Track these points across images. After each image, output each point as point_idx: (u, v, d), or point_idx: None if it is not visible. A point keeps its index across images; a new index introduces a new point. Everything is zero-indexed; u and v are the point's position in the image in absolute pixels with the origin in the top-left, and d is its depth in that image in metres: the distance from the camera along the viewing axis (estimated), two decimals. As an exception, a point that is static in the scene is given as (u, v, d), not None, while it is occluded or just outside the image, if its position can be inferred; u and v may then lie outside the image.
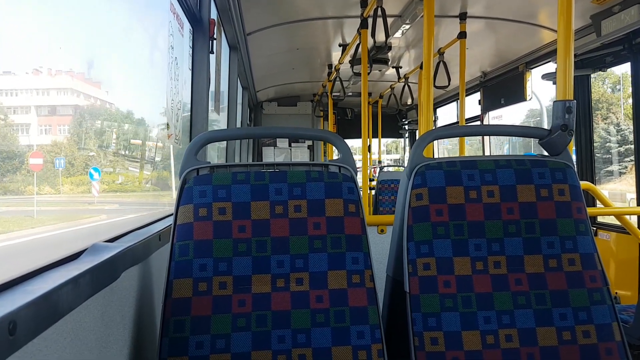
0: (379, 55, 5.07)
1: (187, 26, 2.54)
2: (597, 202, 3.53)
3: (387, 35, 3.78)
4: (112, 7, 1.76)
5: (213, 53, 2.64)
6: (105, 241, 1.43)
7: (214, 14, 3.01)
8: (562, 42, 1.71)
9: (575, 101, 1.66)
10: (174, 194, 1.91)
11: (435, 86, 5.17)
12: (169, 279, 1.42)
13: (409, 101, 8.04)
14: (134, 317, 1.46)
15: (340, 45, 5.27)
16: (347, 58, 5.37)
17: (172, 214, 1.53)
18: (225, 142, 4.64)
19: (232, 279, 1.43)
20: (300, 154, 8.37)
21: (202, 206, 1.47)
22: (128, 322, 1.42)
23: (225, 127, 4.37)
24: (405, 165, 1.73)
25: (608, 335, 1.48)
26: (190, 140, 2.41)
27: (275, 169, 1.57)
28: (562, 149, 1.65)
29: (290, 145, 8.42)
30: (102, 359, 1.24)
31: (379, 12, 3.66)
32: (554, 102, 1.68)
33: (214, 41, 2.64)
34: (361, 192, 1.58)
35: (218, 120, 3.96)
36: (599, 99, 11.24)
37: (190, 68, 2.55)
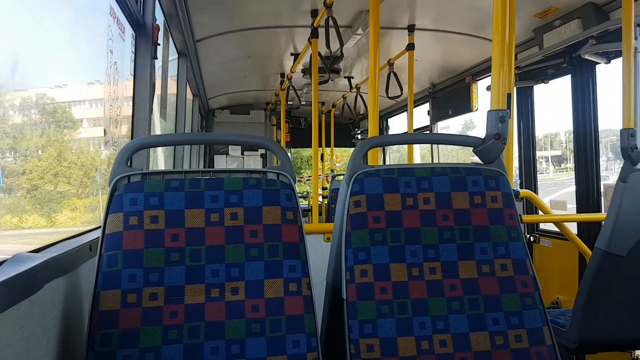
0: (331, 65, 5.10)
1: (129, 31, 2.48)
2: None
3: (340, 45, 3.80)
4: (44, 7, 1.70)
5: (156, 59, 2.59)
6: (31, 251, 1.37)
7: (160, 19, 2.96)
8: (497, 55, 1.75)
9: (508, 111, 1.71)
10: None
11: (388, 97, 5.24)
12: (96, 290, 1.37)
13: (362, 111, 8.11)
14: (59, 331, 1.40)
15: (292, 54, 5.28)
16: (299, 67, 5.38)
17: None
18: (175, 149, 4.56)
19: (163, 289, 1.39)
20: (253, 162, 8.30)
21: (132, 214, 1.43)
22: (53, 336, 1.35)
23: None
24: None
25: (539, 339, 1.52)
26: None
27: (212, 175, 1.54)
28: (495, 157, 1.69)
29: (242, 154, 8.34)
30: None
31: (330, 22, 3.68)
32: (488, 111, 1.72)
33: (158, 46, 2.59)
34: (299, 200, 1.57)
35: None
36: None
37: (132, 73, 2.49)
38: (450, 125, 6.11)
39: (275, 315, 1.42)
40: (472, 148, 1.71)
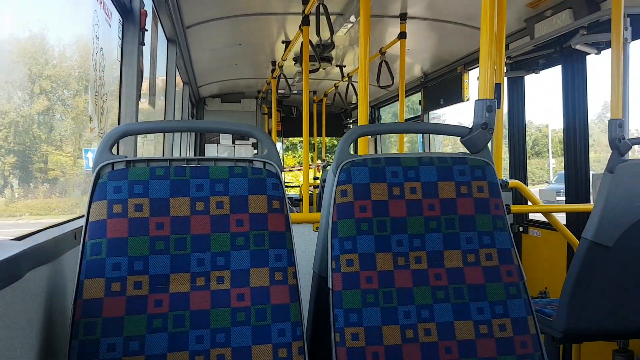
0: (322, 53, 5.06)
1: (116, 16, 2.45)
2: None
3: (331, 33, 3.77)
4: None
5: (144, 45, 2.56)
6: (13, 239, 1.35)
7: (148, 5, 2.92)
8: (486, 44, 1.74)
9: (495, 100, 1.70)
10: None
11: (379, 86, 5.22)
12: (80, 279, 1.36)
13: (354, 100, 8.08)
14: (42, 320, 1.38)
15: (283, 42, 5.24)
16: (291, 55, 5.34)
17: None
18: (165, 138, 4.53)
19: (148, 278, 1.38)
20: (244, 151, 8.26)
21: (116, 202, 1.41)
22: (36, 325, 1.34)
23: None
24: None
25: (523, 328, 1.52)
26: None
27: (198, 164, 1.52)
28: (482, 146, 1.68)
29: (234, 143, 8.30)
30: None
31: (321, 10, 3.65)
32: (476, 101, 1.71)
33: (146, 32, 2.56)
34: (285, 189, 1.56)
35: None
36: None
37: (119, 59, 2.46)
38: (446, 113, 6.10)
39: (261, 304, 1.42)
40: (460, 138, 1.70)
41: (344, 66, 6.29)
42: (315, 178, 7.94)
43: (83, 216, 1.91)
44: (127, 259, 1.38)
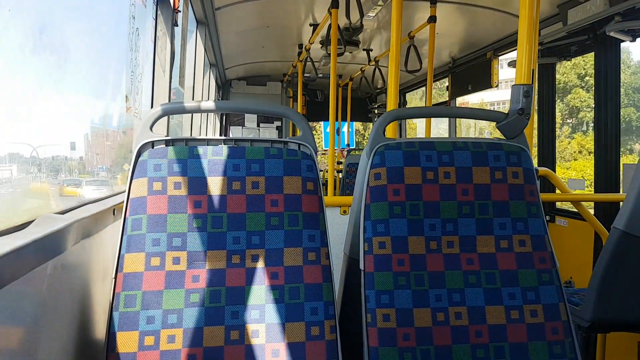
0: (350, 37, 5.03)
1: (150, -3, 2.47)
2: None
3: (360, 16, 3.75)
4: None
5: (177, 26, 2.58)
6: (57, 213, 1.39)
7: None
8: (524, 29, 1.73)
9: (532, 85, 1.69)
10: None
11: (407, 70, 5.18)
12: (121, 253, 1.40)
13: (380, 84, 8.03)
14: (84, 291, 1.43)
15: (310, 25, 5.22)
16: (318, 38, 5.32)
17: None
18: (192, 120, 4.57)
19: (186, 254, 1.42)
20: (268, 133, 8.29)
21: (156, 180, 1.45)
22: (77, 296, 1.39)
23: None
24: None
25: (555, 315, 1.53)
26: None
27: (235, 144, 1.55)
28: (518, 132, 1.67)
29: (258, 125, 8.33)
30: (49, 331, 1.21)
31: None
32: (513, 86, 1.70)
33: (179, 14, 2.58)
34: (319, 171, 1.58)
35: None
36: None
37: (153, 40, 2.49)
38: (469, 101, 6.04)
39: (294, 283, 1.45)
40: (495, 123, 1.70)
41: (371, 50, 6.24)
42: (339, 162, 7.93)
43: (120, 193, 1.96)
44: (166, 235, 1.42)
